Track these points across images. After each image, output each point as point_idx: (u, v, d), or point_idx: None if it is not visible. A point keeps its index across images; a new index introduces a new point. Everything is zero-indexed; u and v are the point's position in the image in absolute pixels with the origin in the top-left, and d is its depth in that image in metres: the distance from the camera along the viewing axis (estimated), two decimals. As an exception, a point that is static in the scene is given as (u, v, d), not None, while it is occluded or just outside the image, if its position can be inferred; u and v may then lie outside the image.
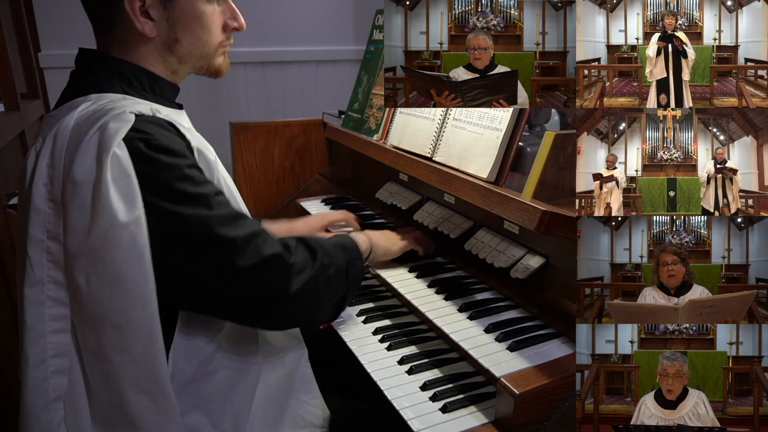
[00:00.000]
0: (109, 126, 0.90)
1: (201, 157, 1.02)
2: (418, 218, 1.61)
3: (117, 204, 0.87)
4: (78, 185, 0.89)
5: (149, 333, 0.91)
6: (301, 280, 1.02)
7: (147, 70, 1.07)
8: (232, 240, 0.94)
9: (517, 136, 1.32)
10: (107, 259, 0.88)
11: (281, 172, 2.25)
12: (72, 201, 0.90)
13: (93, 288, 0.90)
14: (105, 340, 0.92)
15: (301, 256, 1.05)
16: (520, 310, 1.28)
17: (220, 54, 1.14)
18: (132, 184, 0.88)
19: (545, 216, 1.12)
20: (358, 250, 1.23)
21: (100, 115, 0.93)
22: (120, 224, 0.87)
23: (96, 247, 0.88)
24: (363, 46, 2.13)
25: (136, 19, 1.00)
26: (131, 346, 0.91)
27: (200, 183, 0.96)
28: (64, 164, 0.92)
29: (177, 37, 1.05)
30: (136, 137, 0.91)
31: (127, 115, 0.93)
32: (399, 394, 1.10)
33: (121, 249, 0.88)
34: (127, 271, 0.89)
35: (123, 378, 0.93)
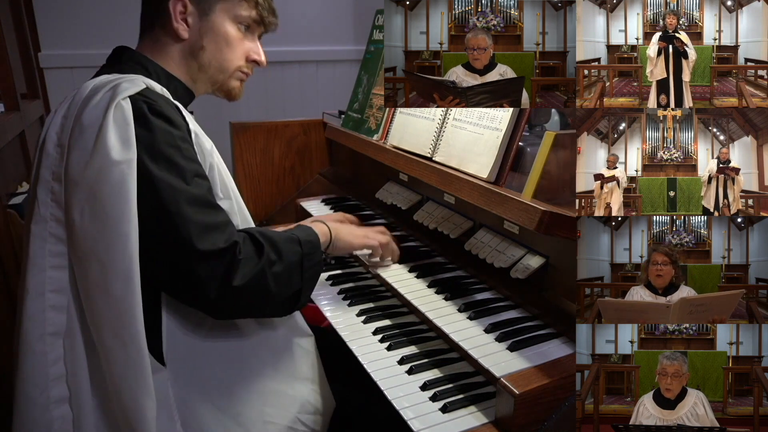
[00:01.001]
0: (122, 84, 1.01)
1: (197, 140, 1.08)
2: (418, 218, 1.61)
3: (113, 143, 0.95)
4: (84, 128, 0.98)
5: (128, 273, 0.94)
6: (245, 274, 1.02)
7: (165, 69, 1.18)
8: (193, 221, 0.98)
9: (517, 136, 1.32)
10: (98, 194, 0.95)
11: (281, 172, 2.25)
12: (77, 142, 0.98)
13: (86, 222, 0.96)
14: (91, 278, 0.97)
15: (247, 251, 1.05)
16: (520, 310, 1.28)
17: (237, 78, 1.25)
18: (129, 131, 0.96)
19: (545, 216, 1.12)
20: (315, 243, 1.20)
21: (114, 79, 1.04)
22: (113, 161, 0.94)
23: (90, 181, 0.95)
24: (363, 46, 2.13)
25: (175, 19, 1.14)
26: (111, 286, 0.95)
27: (186, 158, 1.01)
28: (76, 114, 1.00)
29: (203, 45, 1.18)
30: (141, 99, 1.00)
31: (140, 82, 1.04)
32: (399, 394, 1.10)
33: (110, 185, 0.94)
34: (113, 207, 0.94)
35: (103, 320, 0.97)
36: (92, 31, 2.83)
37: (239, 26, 1.20)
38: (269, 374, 1.17)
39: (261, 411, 1.14)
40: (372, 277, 1.55)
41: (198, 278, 0.99)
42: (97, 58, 2.56)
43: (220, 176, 1.11)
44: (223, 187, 1.12)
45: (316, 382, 1.25)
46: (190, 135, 1.06)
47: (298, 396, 1.20)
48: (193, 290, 1.01)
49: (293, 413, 1.19)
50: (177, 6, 1.14)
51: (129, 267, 0.94)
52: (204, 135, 1.12)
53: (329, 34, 3.31)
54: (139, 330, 0.96)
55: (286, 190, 2.26)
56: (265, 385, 1.16)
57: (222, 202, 1.09)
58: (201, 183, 1.03)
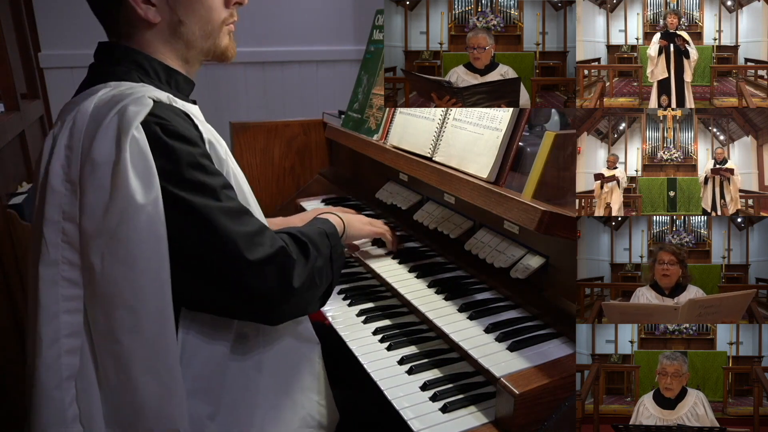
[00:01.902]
0: (129, 109, 0.92)
1: (212, 149, 1.03)
2: (418, 218, 1.61)
3: (135, 185, 0.89)
4: (97, 166, 0.91)
5: (162, 314, 0.92)
6: (300, 274, 1.03)
7: (162, 62, 1.09)
8: (237, 234, 0.96)
9: (517, 136, 1.32)
10: (123, 239, 0.90)
11: (281, 172, 2.25)
12: (90, 181, 0.91)
13: (107, 268, 0.91)
14: (116, 322, 0.93)
15: (296, 252, 1.06)
16: (520, 310, 1.28)
17: (225, 33, 1.14)
18: (149, 167, 0.90)
19: (545, 216, 1.12)
20: (337, 235, 1.25)
21: (119, 99, 0.95)
22: (137, 205, 0.89)
23: (112, 227, 0.90)
24: (363, 46, 2.13)
25: (137, 5, 1.02)
26: (143, 328, 0.92)
27: (211, 173, 0.98)
28: (82, 146, 0.93)
29: (180, 19, 1.07)
30: (153, 121, 0.93)
31: (146, 99, 0.95)
32: (399, 394, 1.10)
33: (138, 229, 0.89)
34: (143, 252, 0.90)
35: (132, 360, 0.94)
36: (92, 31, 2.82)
37: None
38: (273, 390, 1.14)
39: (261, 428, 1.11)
40: (372, 277, 1.55)
41: (257, 288, 0.98)
42: (97, 58, 2.50)
43: (236, 181, 1.09)
44: (240, 193, 1.09)
45: (320, 394, 1.21)
46: (205, 145, 1.02)
47: (301, 409, 1.17)
48: (254, 301, 1.00)
49: (295, 428, 1.15)
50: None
51: (163, 308, 0.92)
52: (217, 138, 1.08)
53: (329, 34, 3.31)
54: (175, 362, 0.95)
55: (286, 190, 2.26)
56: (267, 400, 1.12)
57: None
58: (230, 194, 1.00)
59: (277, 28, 3.15)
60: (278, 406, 1.14)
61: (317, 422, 1.19)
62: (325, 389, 1.23)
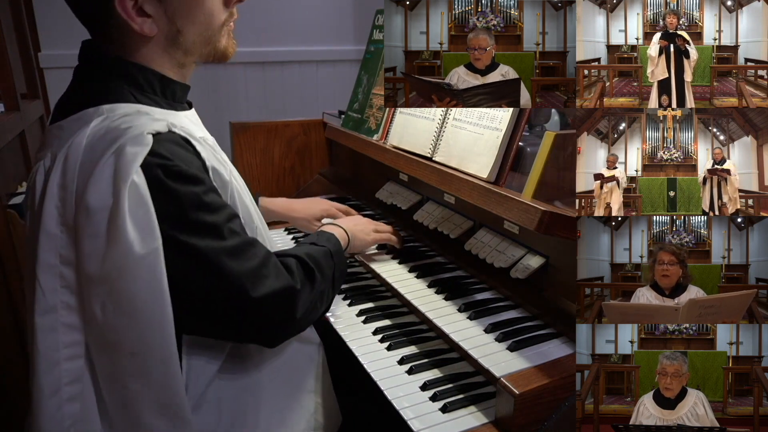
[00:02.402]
0: (127, 150, 0.86)
1: (216, 175, 1.00)
2: (418, 218, 1.61)
3: (133, 235, 0.85)
4: (92, 212, 0.86)
5: (167, 361, 0.90)
6: (304, 303, 1.04)
7: (157, 72, 1.01)
8: (242, 273, 0.94)
9: (517, 136, 1.32)
10: (123, 291, 0.86)
11: (281, 172, 2.25)
12: (85, 228, 0.87)
13: (109, 317, 0.88)
14: (121, 367, 0.91)
15: (302, 279, 1.05)
16: (520, 310, 1.28)
17: (225, 34, 1.07)
18: (150, 214, 0.86)
19: (545, 216, 1.12)
20: (341, 252, 1.25)
21: (115, 135, 0.89)
22: (137, 256, 0.85)
23: (112, 277, 0.86)
24: (363, 46, 2.13)
25: (132, 20, 0.94)
26: (149, 373, 0.91)
27: (216, 210, 0.94)
28: (77, 188, 0.88)
29: (179, 29, 0.99)
30: (154, 163, 0.87)
31: (145, 137, 0.88)
32: (399, 394, 1.10)
33: (138, 281, 0.86)
34: (145, 303, 0.87)
35: (141, 403, 0.92)
36: (92, 31, 2.82)
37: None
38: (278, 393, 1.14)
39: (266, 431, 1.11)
40: (372, 277, 1.55)
41: (261, 323, 0.99)
42: (97, 58, 2.49)
43: (242, 202, 1.06)
44: (245, 212, 1.07)
45: (323, 396, 1.22)
46: (208, 173, 0.97)
47: (303, 411, 1.17)
48: (257, 334, 1.02)
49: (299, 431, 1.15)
50: (126, 5, 0.92)
51: (168, 353, 0.90)
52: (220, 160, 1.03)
53: (329, 34, 3.31)
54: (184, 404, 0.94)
55: (286, 190, 2.26)
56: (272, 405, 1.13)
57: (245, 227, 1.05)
58: (235, 226, 0.97)
59: (277, 28, 3.15)
60: (283, 409, 1.14)
61: (321, 424, 1.19)
62: (329, 391, 1.24)
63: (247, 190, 1.15)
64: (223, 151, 1.13)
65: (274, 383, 1.13)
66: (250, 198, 1.14)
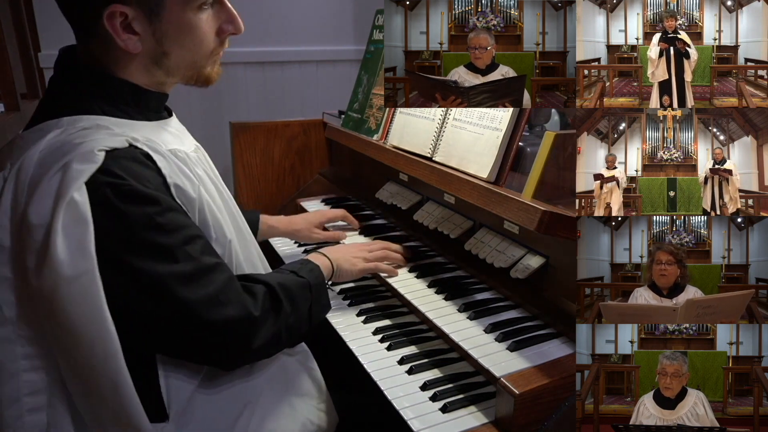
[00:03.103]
0: (72, 167, 0.84)
1: (179, 193, 0.96)
2: (418, 218, 1.61)
3: (63, 256, 0.82)
4: (32, 228, 0.84)
5: (116, 384, 0.88)
6: (264, 334, 1.00)
7: (131, 82, 0.99)
8: (194, 300, 0.91)
9: (517, 136, 1.32)
10: (60, 312, 0.84)
11: (281, 172, 2.25)
12: (26, 243, 0.85)
13: (56, 335, 0.87)
14: (77, 382, 0.91)
15: (265, 309, 1.01)
16: (520, 310, 1.28)
17: (212, 62, 1.05)
18: (86, 234, 0.83)
19: (545, 216, 1.12)
20: (322, 285, 1.19)
21: (66, 150, 0.87)
22: (66, 278, 0.82)
23: (48, 295, 0.84)
24: (363, 46, 2.13)
25: (118, 36, 0.92)
26: (101, 391, 0.89)
27: (171, 231, 0.90)
28: (24, 204, 0.86)
29: (165, 51, 0.97)
30: (104, 181, 0.85)
31: (95, 154, 0.86)
32: (399, 394, 1.10)
33: (72, 303, 0.83)
34: (83, 325, 0.84)
35: (103, 417, 0.92)
36: (92, 31, 2.82)
37: (203, 7, 0.97)
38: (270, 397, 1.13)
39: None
40: (372, 277, 1.55)
41: (215, 350, 0.97)
42: (97, 58, 2.48)
43: (213, 216, 1.02)
44: (216, 226, 1.03)
45: (318, 398, 1.21)
46: (169, 191, 0.94)
47: (299, 415, 1.16)
48: (210, 357, 1.00)
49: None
50: (114, 20, 0.91)
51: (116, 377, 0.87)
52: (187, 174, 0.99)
53: (329, 34, 3.31)
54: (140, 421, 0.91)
55: (286, 190, 2.26)
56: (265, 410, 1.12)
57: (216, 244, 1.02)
58: (191, 250, 0.93)
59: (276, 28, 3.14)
60: (276, 415, 1.13)
61: (316, 426, 1.19)
62: (324, 393, 1.23)
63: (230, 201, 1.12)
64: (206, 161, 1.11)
65: (265, 391, 1.13)
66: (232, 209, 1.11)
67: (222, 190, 1.12)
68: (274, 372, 1.16)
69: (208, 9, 0.98)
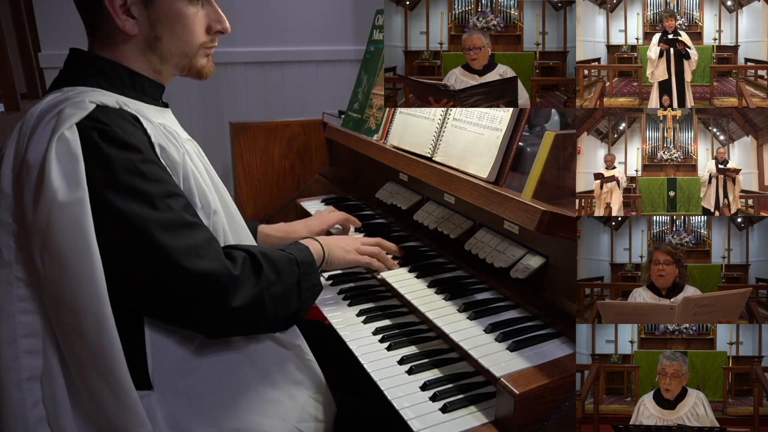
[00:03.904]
0: (65, 111, 0.94)
1: (164, 154, 1.02)
2: (418, 218, 1.61)
3: (58, 183, 0.89)
4: (30, 167, 0.92)
5: (98, 319, 0.91)
6: (244, 295, 1.00)
7: (127, 67, 1.09)
8: (172, 247, 0.94)
9: (517, 136, 1.32)
10: (52, 241, 0.90)
11: (281, 172, 2.25)
12: (25, 183, 0.93)
13: (47, 269, 0.92)
14: (64, 321, 0.94)
15: (246, 271, 1.03)
16: (520, 310, 1.28)
17: (203, 55, 1.15)
18: (77, 167, 0.90)
19: (545, 216, 1.12)
20: (311, 263, 1.20)
21: (61, 101, 0.97)
22: (60, 204, 0.89)
23: (42, 226, 0.90)
24: (363, 46, 2.13)
25: (117, 16, 1.03)
26: (84, 329, 0.92)
27: (151, 180, 0.96)
28: (24, 149, 0.95)
29: (158, 35, 1.08)
30: (90, 126, 0.93)
31: (86, 103, 0.96)
32: (399, 394, 1.10)
33: (63, 230, 0.89)
34: (71, 254, 0.89)
35: (83, 361, 0.95)
36: (92, 31, 2.82)
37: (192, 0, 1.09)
38: (263, 383, 1.15)
39: (258, 422, 1.11)
40: (372, 277, 1.55)
41: (193, 301, 0.97)
42: (97, 58, 2.48)
43: (197, 185, 1.07)
44: (201, 195, 1.07)
45: (313, 388, 1.22)
46: (154, 150, 1.00)
47: (296, 404, 1.17)
48: (188, 313, 0.99)
49: (292, 423, 1.16)
50: (114, 2, 1.03)
51: (99, 310, 0.91)
52: (175, 143, 1.06)
53: (329, 34, 3.31)
54: (120, 367, 0.93)
55: (286, 190, 2.26)
56: (259, 396, 1.13)
57: (201, 212, 1.06)
58: (172, 203, 0.98)
59: (276, 28, 3.14)
60: (272, 400, 1.14)
61: (312, 416, 1.20)
62: (322, 385, 1.24)
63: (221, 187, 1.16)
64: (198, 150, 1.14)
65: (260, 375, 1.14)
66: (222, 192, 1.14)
67: (212, 173, 1.15)
68: (270, 362, 1.16)
69: (198, 5, 1.10)
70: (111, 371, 0.93)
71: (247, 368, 1.14)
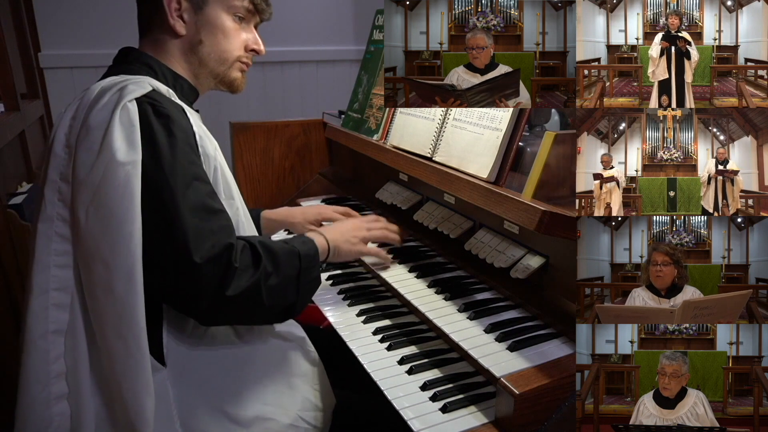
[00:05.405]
0: (128, 87, 1.03)
1: (201, 143, 1.10)
2: (418, 218, 1.61)
3: (119, 144, 0.97)
4: (90, 129, 1.00)
5: (131, 273, 0.95)
6: (239, 285, 1.01)
7: (171, 68, 1.20)
8: (190, 225, 0.98)
9: (517, 136, 1.32)
10: (103, 195, 0.96)
11: (281, 172, 2.25)
12: (83, 143, 1.00)
13: (90, 222, 0.98)
14: (95, 277, 0.98)
15: (244, 261, 1.04)
16: (520, 310, 1.28)
17: (238, 69, 1.27)
18: (135, 133, 0.98)
19: (545, 216, 1.12)
20: (314, 257, 1.20)
21: (123, 80, 1.07)
22: (118, 162, 0.96)
23: (96, 181, 0.97)
24: (363, 46, 2.14)
25: (171, 16, 1.16)
26: (114, 286, 0.96)
27: (188, 162, 1.03)
28: (84, 116, 1.03)
29: (201, 39, 1.20)
30: (146, 101, 1.02)
31: (147, 84, 1.06)
32: (399, 394, 1.10)
33: (115, 186, 0.96)
34: (118, 208, 0.95)
35: (106, 319, 0.98)
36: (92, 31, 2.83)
37: (234, 17, 1.22)
38: (268, 373, 1.19)
39: (261, 410, 1.15)
40: (372, 277, 1.55)
41: (191, 285, 0.99)
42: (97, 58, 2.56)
43: (224, 179, 1.14)
44: (226, 188, 1.14)
45: (314, 380, 1.26)
46: (194, 138, 1.08)
47: (298, 394, 1.21)
48: (185, 296, 1.01)
49: (294, 411, 1.19)
50: (171, 3, 1.15)
51: (132, 266, 0.95)
52: (209, 137, 1.14)
53: (329, 34, 3.31)
54: (141, 329, 0.96)
55: (286, 190, 2.26)
56: (264, 384, 1.17)
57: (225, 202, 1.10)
58: (200, 187, 1.03)
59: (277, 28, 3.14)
60: (275, 390, 1.18)
61: (315, 405, 1.24)
62: (319, 375, 1.28)
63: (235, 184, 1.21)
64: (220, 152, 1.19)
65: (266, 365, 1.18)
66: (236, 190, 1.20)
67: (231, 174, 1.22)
68: (273, 353, 1.20)
69: (238, 21, 1.23)
70: (132, 332, 0.96)
71: (255, 359, 1.17)
